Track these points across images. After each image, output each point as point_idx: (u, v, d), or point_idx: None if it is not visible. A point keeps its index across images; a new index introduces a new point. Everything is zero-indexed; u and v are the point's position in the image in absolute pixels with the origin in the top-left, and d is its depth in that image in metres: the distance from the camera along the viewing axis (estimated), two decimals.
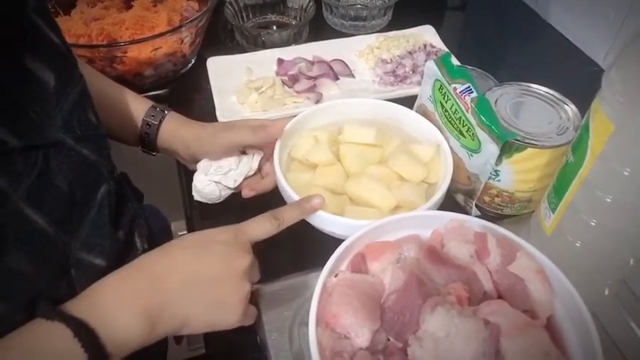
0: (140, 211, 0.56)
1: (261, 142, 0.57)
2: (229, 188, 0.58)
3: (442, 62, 0.57)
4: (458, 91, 0.55)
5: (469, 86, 0.54)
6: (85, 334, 0.34)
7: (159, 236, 0.64)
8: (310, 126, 0.61)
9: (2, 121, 0.34)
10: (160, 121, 0.58)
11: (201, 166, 0.58)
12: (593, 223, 0.42)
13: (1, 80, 0.35)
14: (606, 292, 0.47)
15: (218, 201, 0.59)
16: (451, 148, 0.57)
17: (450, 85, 0.56)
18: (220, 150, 0.57)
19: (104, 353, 0.34)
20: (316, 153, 0.56)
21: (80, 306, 0.36)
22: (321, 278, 0.41)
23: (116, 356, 0.35)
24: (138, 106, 0.58)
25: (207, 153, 0.58)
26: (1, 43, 0.35)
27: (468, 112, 0.54)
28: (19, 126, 0.36)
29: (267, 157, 0.61)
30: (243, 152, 0.59)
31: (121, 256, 0.49)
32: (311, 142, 0.57)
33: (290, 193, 0.52)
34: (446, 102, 0.58)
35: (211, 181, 0.57)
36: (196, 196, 0.58)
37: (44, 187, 0.38)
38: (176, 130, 0.59)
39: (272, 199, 0.58)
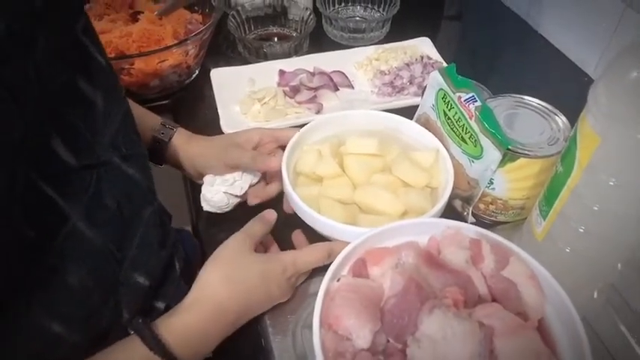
0: (177, 235, 0.58)
1: (258, 170, 0.60)
2: (236, 196, 0.60)
3: (447, 73, 0.60)
4: (462, 99, 0.57)
5: (473, 95, 0.57)
6: None
7: (191, 259, 0.66)
8: (312, 139, 0.63)
9: (62, 141, 0.36)
10: (169, 139, 0.60)
11: (207, 179, 0.60)
12: (582, 230, 0.44)
13: (59, 102, 0.36)
14: (595, 296, 0.49)
15: (227, 209, 0.60)
16: (452, 154, 0.60)
17: (454, 94, 0.58)
18: (222, 166, 0.59)
19: None
20: (322, 166, 0.58)
21: (177, 344, 0.42)
22: (324, 282, 0.43)
23: None
24: (148, 123, 0.61)
25: (211, 168, 0.60)
26: (58, 65, 0.36)
27: (471, 119, 0.56)
28: (76, 146, 0.37)
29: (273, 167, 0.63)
30: None
31: (162, 276, 0.51)
32: (315, 156, 0.59)
33: (305, 209, 0.54)
34: (449, 110, 0.60)
35: (219, 191, 0.59)
36: (205, 207, 0.60)
37: (97, 206, 0.40)
38: (183, 147, 0.61)
39: (277, 205, 0.60)
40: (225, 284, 0.47)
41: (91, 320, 0.40)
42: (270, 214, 0.55)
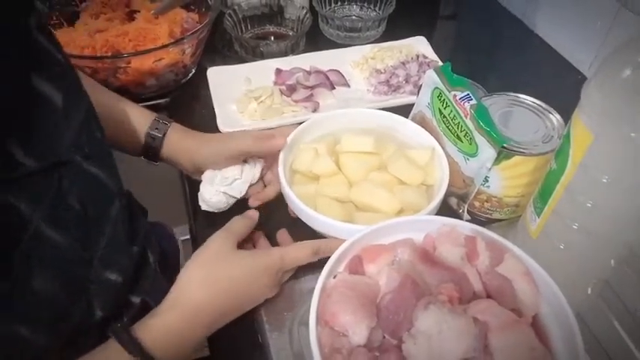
0: (149, 228, 0.57)
1: (263, 151, 0.59)
2: (235, 198, 0.60)
3: (442, 71, 0.60)
4: (458, 98, 0.58)
5: (468, 94, 0.57)
6: None
7: (168, 252, 0.66)
8: (308, 138, 0.63)
9: (19, 143, 0.34)
10: (164, 134, 0.60)
11: (206, 176, 0.60)
12: (576, 227, 0.45)
13: (12, 102, 0.35)
14: (589, 292, 0.50)
15: (225, 209, 0.61)
16: (447, 153, 0.60)
17: (449, 92, 0.59)
18: (223, 159, 0.59)
19: None
20: (319, 164, 0.59)
21: (156, 346, 0.42)
22: (320, 279, 0.43)
23: None
24: (141, 119, 0.60)
25: (210, 163, 0.59)
26: (8, 64, 0.35)
27: (466, 117, 0.56)
28: (34, 147, 0.36)
29: (268, 166, 0.63)
30: (245, 161, 0.61)
31: (136, 271, 0.51)
32: (312, 155, 0.60)
33: (302, 207, 0.54)
34: (444, 109, 0.60)
35: (218, 191, 0.59)
36: (203, 206, 0.60)
37: (60, 207, 0.39)
38: (179, 142, 0.60)
39: (275, 206, 0.60)
40: (203, 285, 0.46)
41: (61, 322, 0.40)
42: (253, 213, 0.56)
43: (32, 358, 0.39)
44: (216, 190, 0.59)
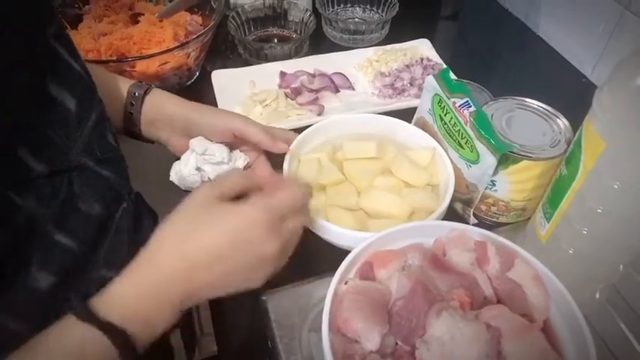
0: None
1: (266, 146, 0.57)
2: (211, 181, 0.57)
3: (441, 77, 0.60)
4: (457, 105, 0.58)
5: (467, 101, 0.57)
6: (119, 339, 0.35)
7: None
8: (305, 149, 0.62)
9: (28, 148, 0.35)
10: (145, 92, 0.56)
11: (196, 144, 0.55)
12: (585, 232, 0.45)
13: (25, 108, 0.36)
14: (597, 296, 0.50)
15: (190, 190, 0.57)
16: (450, 159, 0.60)
17: (449, 99, 0.59)
18: (219, 132, 0.56)
19: (135, 351, 0.36)
20: (326, 175, 0.58)
21: (110, 308, 0.36)
22: (332, 285, 0.43)
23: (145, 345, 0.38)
24: (122, 82, 0.57)
25: (206, 131, 0.56)
26: (24, 71, 0.36)
27: (466, 125, 0.56)
28: (44, 152, 0.37)
29: (249, 166, 0.61)
30: (230, 150, 0.59)
31: None
32: (315, 165, 0.59)
33: (317, 220, 0.53)
34: (445, 115, 0.60)
35: (199, 168, 0.56)
36: (174, 179, 0.57)
37: (69, 210, 0.39)
38: (165, 104, 0.57)
39: None
40: (176, 246, 0.40)
41: (55, 318, 0.38)
42: (252, 173, 0.53)
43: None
44: (197, 167, 0.55)
